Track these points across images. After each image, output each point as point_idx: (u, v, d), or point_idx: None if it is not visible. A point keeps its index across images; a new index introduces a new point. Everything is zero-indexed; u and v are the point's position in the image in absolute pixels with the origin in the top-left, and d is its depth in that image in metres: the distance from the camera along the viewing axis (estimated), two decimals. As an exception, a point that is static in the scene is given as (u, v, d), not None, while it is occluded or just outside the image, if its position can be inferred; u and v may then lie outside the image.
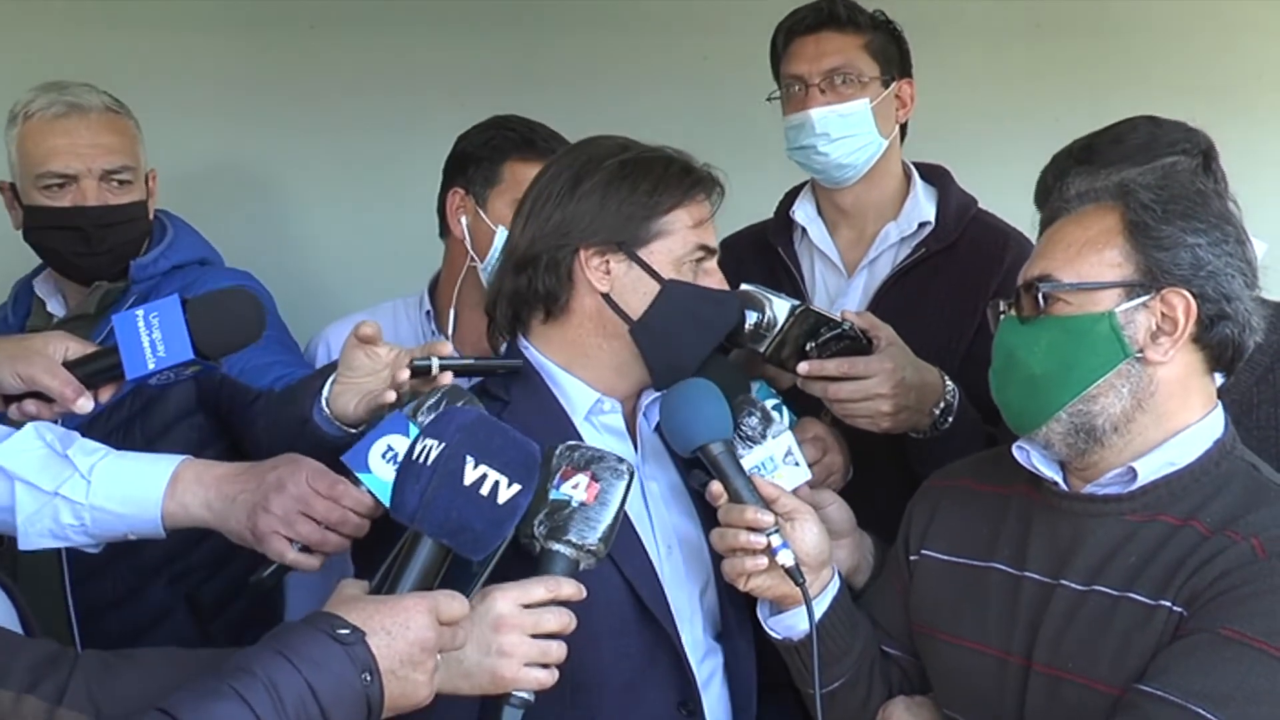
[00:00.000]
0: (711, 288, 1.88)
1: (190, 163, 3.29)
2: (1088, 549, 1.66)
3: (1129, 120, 2.12)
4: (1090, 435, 1.65)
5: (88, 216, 2.41)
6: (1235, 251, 1.63)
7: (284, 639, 1.34)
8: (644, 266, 1.82)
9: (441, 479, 1.46)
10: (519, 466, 1.50)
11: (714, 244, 1.89)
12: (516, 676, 1.53)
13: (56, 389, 1.80)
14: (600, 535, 1.61)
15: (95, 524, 1.76)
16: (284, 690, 1.29)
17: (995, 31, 3.55)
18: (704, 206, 1.87)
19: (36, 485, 1.75)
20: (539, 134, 2.56)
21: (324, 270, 3.42)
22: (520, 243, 1.86)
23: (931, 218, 2.50)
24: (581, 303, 1.84)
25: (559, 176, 1.85)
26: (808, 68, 2.47)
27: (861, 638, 1.84)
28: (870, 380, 2.06)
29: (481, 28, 3.50)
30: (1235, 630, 1.51)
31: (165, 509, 1.75)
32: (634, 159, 1.84)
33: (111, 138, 2.43)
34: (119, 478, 1.76)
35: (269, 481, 1.72)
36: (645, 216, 1.82)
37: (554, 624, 1.56)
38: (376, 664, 1.35)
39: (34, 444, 1.78)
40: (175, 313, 1.78)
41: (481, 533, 1.48)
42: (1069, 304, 1.64)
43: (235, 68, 3.39)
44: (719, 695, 1.88)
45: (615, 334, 1.84)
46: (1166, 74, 3.46)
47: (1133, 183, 1.68)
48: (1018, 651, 1.69)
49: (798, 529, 1.74)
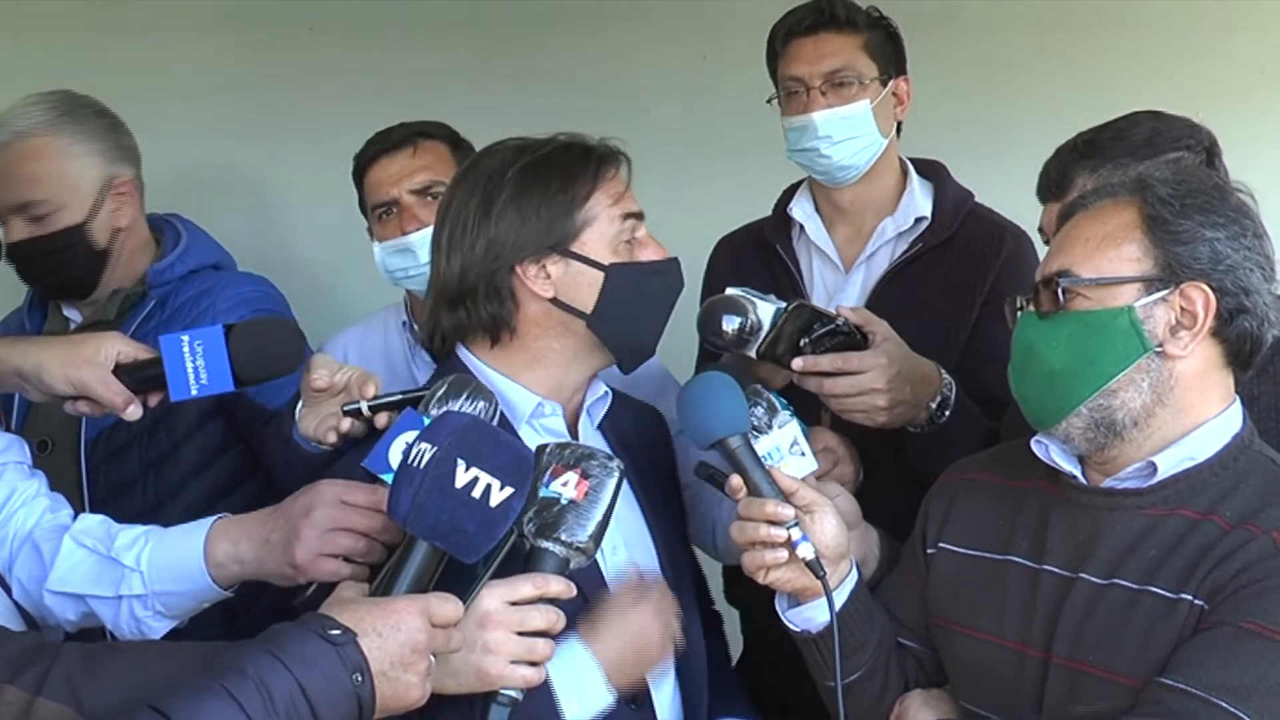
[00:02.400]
0: (653, 260, 1.85)
1: (190, 164, 3.30)
2: (1107, 543, 1.67)
3: (1132, 115, 2.12)
4: (1110, 430, 1.65)
5: (17, 253, 2.41)
6: (1254, 245, 1.64)
7: (275, 639, 1.35)
8: (582, 259, 1.80)
9: (433, 482, 1.47)
10: (511, 470, 1.50)
11: (638, 208, 1.86)
12: (503, 674, 1.53)
13: (108, 398, 1.83)
14: (591, 533, 1.61)
15: (167, 606, 1.80)
16: (274, 689, 1.30)
17: (996, 25, 3.55)
18: (617, 180, 1.84)
19: (101, 596, 1.80)
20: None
21: (324, 272, 3.43)
22: (449, 277, 1.81)
23: (928, 212, 2.50)
24: (529, 314, 1.81)
25: (468, 203, 1.80)
26: (808, 69, 2.46)
27: (878, 630, 1.84)
28: (865, 375, 2.06)
29: (481, 28, 3.51)
30: (1257, 623, 1.52)
31: (212, 574, 1.77)
32: (532, 161, 1.81)
33: (30, 166, 2.38)
34: (164, 558, 1.79)
35: (296, 511, 1.72)
36: (566, 213, 1.79)
37: (540, 621, 1.56)
38: (368, 665, 1.36)
39: (78, 555, 1.82)
40: (218, 343, 1.81)
41: (473, 535, 1.48)
42: (1088, 299, 1.65)
43: (234, 69, 3.39)
44: (670, 693, 1.88)
45: (569, 331, 1.82)
46: (1168, 67, 3.46)
47: (1150, 177, 1.68)
48: (1037, 644, 1.70)
49: (817, 521, 1.74)
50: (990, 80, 3.53)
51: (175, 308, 2.42)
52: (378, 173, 2.58)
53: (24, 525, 1.86)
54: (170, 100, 3.29)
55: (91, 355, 1.83)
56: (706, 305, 2.08)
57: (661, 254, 1.87)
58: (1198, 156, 2.02)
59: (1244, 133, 3.24)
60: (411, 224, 2.51)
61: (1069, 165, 2.06)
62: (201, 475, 2.37)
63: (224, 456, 2.40)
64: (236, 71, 3.39)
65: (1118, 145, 2.03)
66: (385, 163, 2.57)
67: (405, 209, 2.52)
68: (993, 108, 3.50)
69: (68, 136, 2.42)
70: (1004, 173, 2.26)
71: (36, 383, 1.83)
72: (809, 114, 2.45)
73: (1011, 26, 3.55)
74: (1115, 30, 3.53)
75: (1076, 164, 2.05)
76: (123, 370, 1.84)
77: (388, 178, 2.55)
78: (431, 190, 2.52)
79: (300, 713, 1.31)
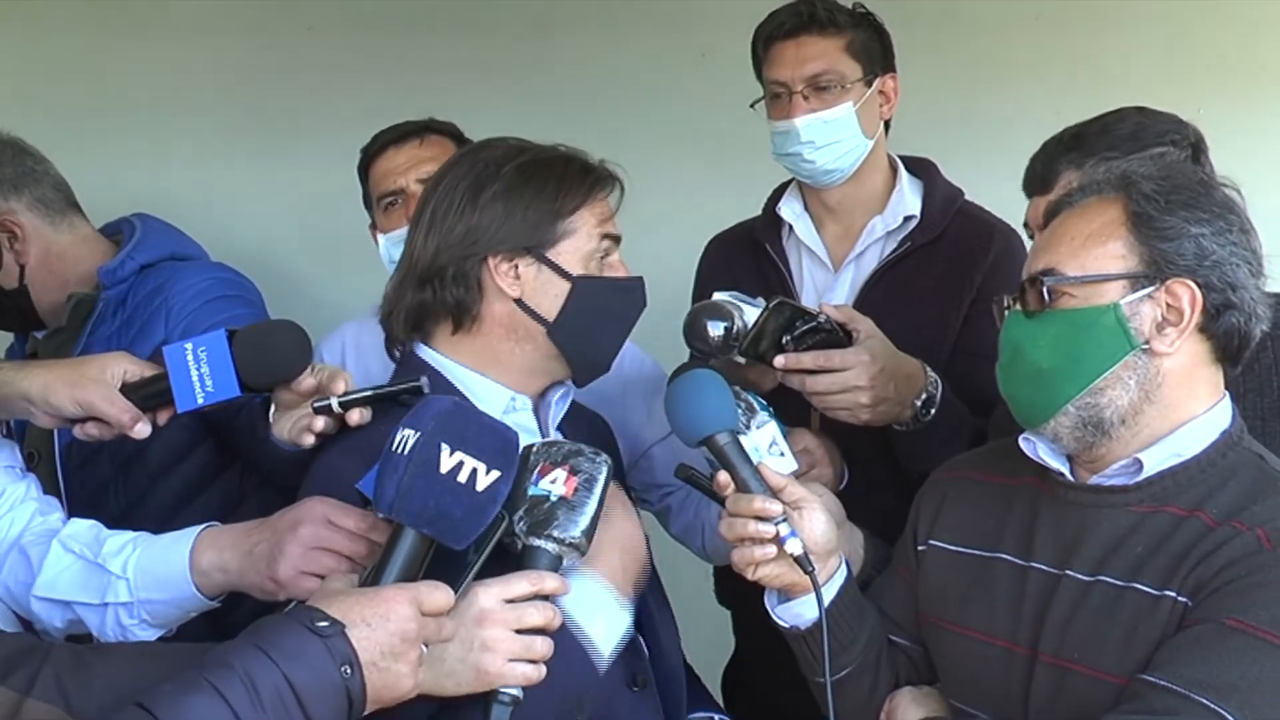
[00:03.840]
0: (618, 276, 1.87)
1: (186, 163, 3.31)
2: (1094, 540, 1.67)
3: (1119, 110, 2.12)
4: (1098, 428, 1.65)
5: None
6: (1240, 240, 1.63)
7: (261, 632, 1.34)
8: (553, 267, 1.81)
9: (417, 467, 1.46)
10: (497, 453, 1.50)
11: (617, 233, 1.87)
12: (501, 671, 1.53)
13: (115, 416, 1.81)
14: (583, 529, 1.61)
15: (153, 615, 1.79)
16: (260, 683, 1.28)
17: (996, 24, 3.54)
18: (606, 204, 1.86)
19: (87, 603, 1.79)
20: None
21: (325, 272, 3.43)
22: (422, 255, 1.81)
23: (917, 211, 2.50)
24: (491, 309, 1.81)
25: (457, 186, 1.81)
26: (790, 73, 2.45)
27: (868, 626, 1.85)
28: (848, 373, 2.06)
29: (481, 29, 3.51)
30: (1240, 620, 1.51)
31: (196, 583, 1.76)
32: (532, 161, 1.82)
33: None
34: (151, 566, 1.78)
35: (283, 525, 1.70)
36: (551, 220, 1.80)
37: (538, 618, 1.55)
38: (356, 656, 1.34)
39: (65, 560, 1.81)
40: (222, 348, 1.80)
41: (461, 520, 1.48)
42: (1074, 297, 1.64)
43: (233, 69, 3.40)
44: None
45: (528, 337, 1.83)
46: (1168, 66, 3.45)
47: (1135, 174, 1.68)
48: (1024, 641, 1.70)
49: (805, 517, 1.74)
50: (990, 80, 3.53)
51: (134, 306, 2.41)
52: (385, 163, 2.59)
53: (11, 530, 1.86)
54: (169, 101, 3.31)
55: (97, 374, 1.82)
56: (692, 312, 2.08)
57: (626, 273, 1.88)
58: (1183, 152, 2.01)
59: (1243, 132, 3.26)
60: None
61: (1054, 159, 2.06)
62: (171, 473, 2.36)
63: (194, 453, 2.38)
64: (235, 72, 3.39)
65: (1102, 139, 2.03)
66: (393, 153, 2.58)
67: (412, 198, 2.51)
68: (993, 107, 3.50)
69: None
70: (1004, 171, 2.25)
71: (43, 405, 1.81)
72: (792, 119, 2.44)
73: (1011, 26, 3.55)
74: (1115, 29, 3.52)
75: (1061, 157, 2.05)
76: (129, 389, 1.83)
77: (395, 168, 2.56)
78: None
79: (288, 706, 1.29)
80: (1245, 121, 3.36)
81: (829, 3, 2.46)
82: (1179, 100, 2.21)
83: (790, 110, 2.45)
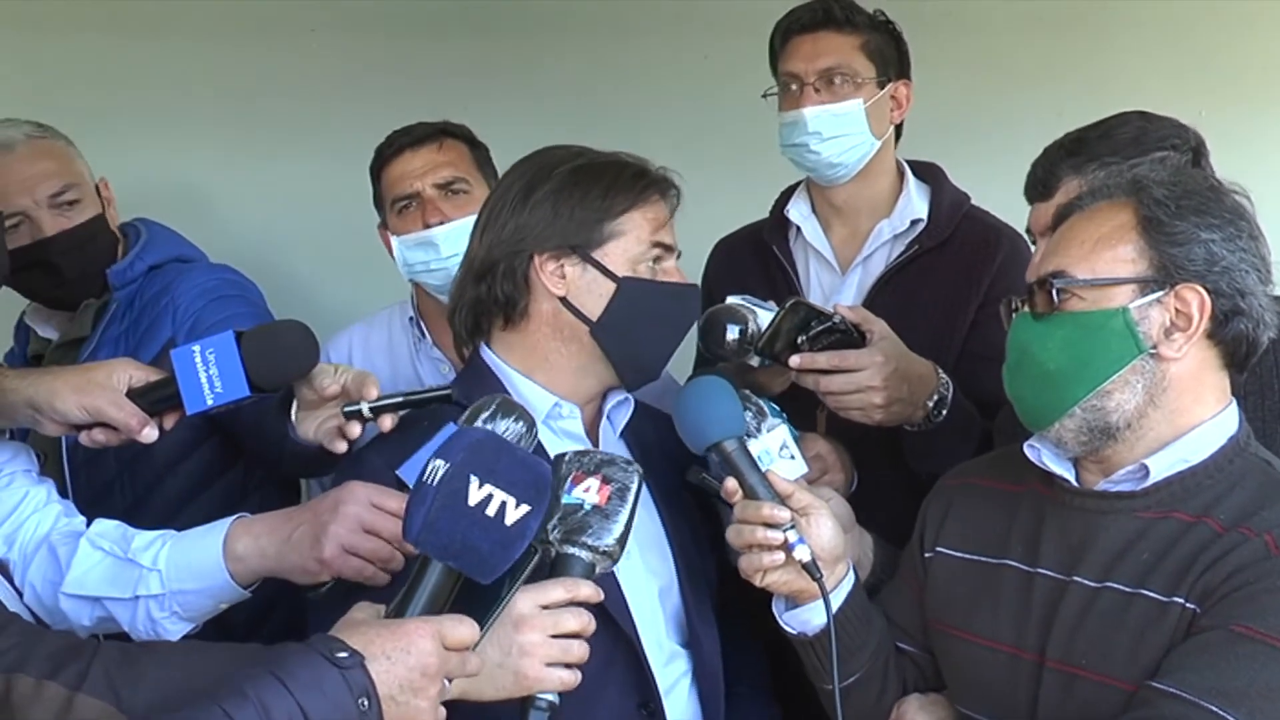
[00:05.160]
0: (668, 281, 1.88)
1: (189, 165, 3.30)
2: (1100, 546, 1.67)
3: (1120, 114, 2.11)
4: (1103, 432, 1.65)
5: (51, 249, 2.42)
6: (1249, 247, 1.63)
7: (280, 660, 1.32)
8: (598, 267, 1.83)
9: (445, 499, 1.42)
10: (528, 487, 1.45)
11: (672, 242, 1.89)
12: (540, 676, 1.53)
13: (122, 420, 1.81)
14: (616, 537, 1.61)
15: (185, 607, 1.79)
16: (275, 712, 1.27)
17: (996, 25, 3.55)
18: (660, 208, 1.88)
19: (118, 598, 1.79)
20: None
21: (325, 273, 3.43)
22: (478, 252, 1.88)
23: (924, 215, 2.51)
24: (539, 307, 1.85)
25: (512, 186, 1.87)
26: (803, 66, 2.48)
27: (876, 633, 1.84)
28: (862, 373, 2.07)
29: (481, 30, 3.51)
30: (1248, 627, 1.51)
31: (231, 569, 1.77)
32: (586, 165, 1.86)
33: (46, 163, 2.44)
34: (183, 557, 1.79)
35: (325, 507, 1.73)
36: (598, 220, 1.83)
37: (574, 624, 1.56)
38: (375, 689, 1.32)
39: (94, 558, 1.82)
40: (231, 350, 1.79)
41: (488, 554, 1.44)
42: (1083, 300, 1.64)
43: (235, 70, 3.40)
44: (686, 699, 1.88)
45: (574, 337, 1.85)
46: (1170, 67, 3.46)
47: (1146, 178, 1.68)
48: (1031, 648, 1.69)
49: (813, 524, 1.74)
50: (990, 80, 3.53)
51: (141, 306, 2.44)
52: (401, 166, 2.58)
53: (39, 530, 1.86)
54: (170, 101, 3.30)
55: (103, 380, 1.82)
56: (707, 315, 2.08)
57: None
58: (1184, 156, 2.01)
59: (1246, 133, 3.26)
60: (434, 216, 2.52)
61: (1055, 164, 2.06)
62: (176, 469, 2.38)
63: (199, 450, 2.40)
64: (237, 73, 3.39)
65: (1104, 144, 2.02)
66: (409, 156, 2.57)
67: (428, 202, 2.53)
68: (993, 108, 3.50)
69: (61, 140, 2.50)
70: (1005, 173, 2.25)
71: (50, 412, 1.81)
72: (800, 109, 2.47)
73: (1011, 26, 3.55)
74: (1116, 30, 3.53)
75: (1063, 162, 2.05)
76: (136, 394, 1.83)
77: (411, 171, 2.56)
78: (454, 186, 2.54)
79: None
80: (1248, 123, 3.36)
81: (847, 3, 2.49)
82: (1180, 102, 2.21)
83: (800, 101, 2.48)
